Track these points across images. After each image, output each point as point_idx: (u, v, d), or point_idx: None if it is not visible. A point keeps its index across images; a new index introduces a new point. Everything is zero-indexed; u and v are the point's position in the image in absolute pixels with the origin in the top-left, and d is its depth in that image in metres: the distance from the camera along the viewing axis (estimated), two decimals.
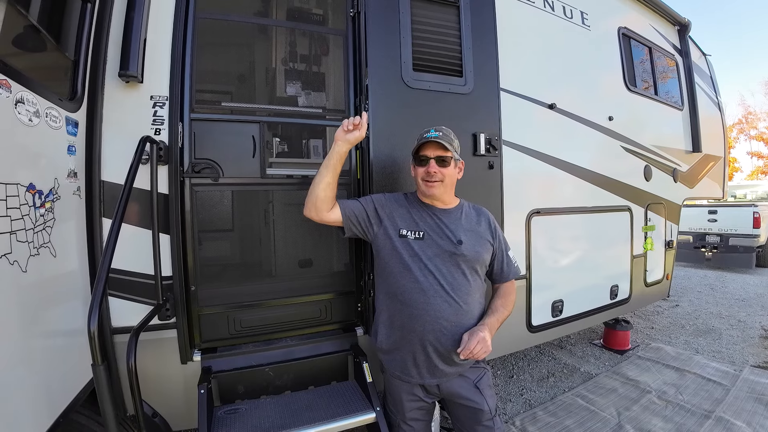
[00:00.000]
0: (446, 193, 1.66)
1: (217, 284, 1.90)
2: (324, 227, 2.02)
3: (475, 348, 1.42)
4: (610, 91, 3.34)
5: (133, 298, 1.77)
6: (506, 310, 1.65)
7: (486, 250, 1.64)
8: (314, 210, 1.64)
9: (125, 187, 1.43)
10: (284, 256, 1.98)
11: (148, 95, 1.77)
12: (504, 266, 1.72)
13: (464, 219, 1.67)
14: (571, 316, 2.87)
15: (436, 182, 1.60)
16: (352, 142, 1.63)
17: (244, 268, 1.96)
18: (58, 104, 1.51)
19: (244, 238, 1.96)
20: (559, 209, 2.75)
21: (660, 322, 5.10)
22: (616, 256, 3.33)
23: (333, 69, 2.10)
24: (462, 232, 1.62)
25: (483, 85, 2.21)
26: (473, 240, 1.62)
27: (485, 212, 1.75)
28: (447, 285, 1.55)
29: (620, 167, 3.31)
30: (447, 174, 1.61)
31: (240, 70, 2.03)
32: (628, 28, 3.60)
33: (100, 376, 1.17)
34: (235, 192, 1.91)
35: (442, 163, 1.60)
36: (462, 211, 1.69)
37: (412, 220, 1.64)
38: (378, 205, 1.69)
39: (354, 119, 1.59)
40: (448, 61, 2.14)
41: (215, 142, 1.88)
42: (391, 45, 2.02)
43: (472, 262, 1.60)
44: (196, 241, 1.84)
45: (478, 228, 1.66)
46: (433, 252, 1.58)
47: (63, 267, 1.54)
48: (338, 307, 2.07)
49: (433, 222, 1.63)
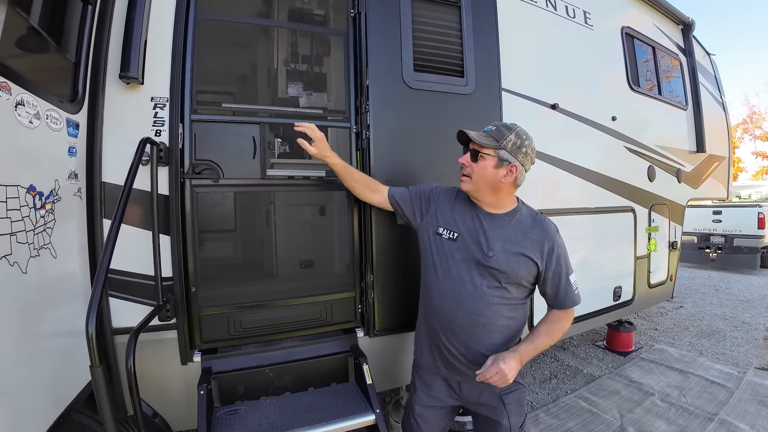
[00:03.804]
0: (481, 192, 1.51)
1: (217, 285, 1.89)
2: (326, 229, 2.06)
3: (492, 378, 1.33)
4: (614, 91, 3.31)
5: (134, 299, 1.77)
6: (550, 339, 1.49)
7: (524, 268, 1.45)
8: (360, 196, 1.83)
9: (125, 187, 1.43)
10: (285, 257, 1.97)
11: (149, 97, 1.77)
12: (559, 291, 1.49)
13: (511, 227, 1.50)
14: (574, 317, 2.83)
15: (465, 177, 1.52)
16: (320, 154, 1.69)
17: (244, 269, 1.96)
18: (59, 106, 1.52)
19: (244, 240, 1.96)
20: (561, 210, 2.73)
21: (664, 324, 5.08)
22: (619, 257, 3.31)
23: (334, 70, 2.10)
24: (499, 241, 1.46)
25: (484, 85, 2.20)
26: (510, 254, 1.44)
27: (546, 225, 1.51)
28: (466, 294, 1.47)
29: (624, 168, 3.28)
30: (476, 170, 1.47)
31: (240, 71, 2.02)
32: (631, 27, 3.57)
33: (98, 377, 1.17)
34: (236, 193, 1.91)
35: (474, 157, 1.48)
36: (513, 219, 1.52)
37: (452, 219, 1.57)
38: (424, 198, 1.67)
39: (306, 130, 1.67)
40: (450, 62, 2.13)
41: (216, 143, 1.87)
42: (391, 45, 2.01)
43: (503, 277, 1.45)
44: (196, 242, 1.84)
45: (524, 241, 1.46)
46: (461, 256, 1.50)
47: (63, 268, 1.55)
48: (339, 309, 2.06)
49: (472, 224, 1.52)
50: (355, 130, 2.06)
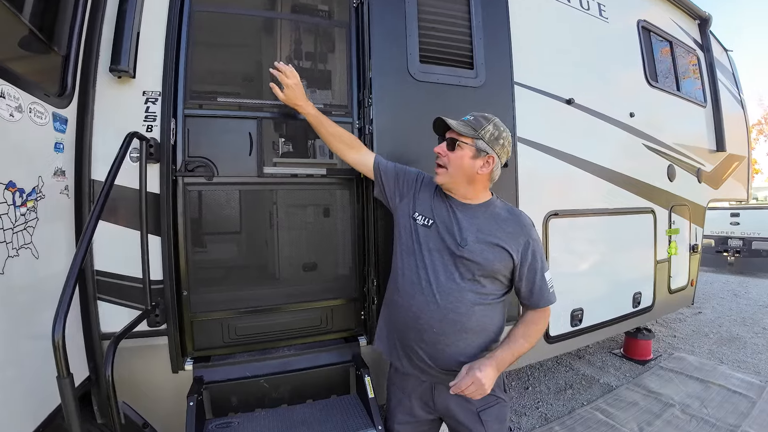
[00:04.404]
0: (456, 184, 1.43)
1: (210, 289, 1.80)
2: (326, 230, 1.95)
3: (467, 388, 1.23)
4: (631, 86, 3.17)
5: (123, 302, 1.69)
6: (527, 343, 1.37)
7: (500, 260, 1.37)
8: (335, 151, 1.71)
9: (105, 183, 1.34)
10: (283, 260, 1.87)
11: (141, 91, 1.71)
12: (534, 289, 1.41)
13: (485, 218, 1.43)
14: (591, 325, 2.70)
15: (441, 168, 1.43)
16: (289, 100, 1.62)
17: (239, 272, 1.85)
18: (45, 100, 1.45)
19: (239, 241, 1.86)
20: (578, 211, 2.58)
21: (682, 330, 4.89)
22: (639, 262, 3.15)
23: (335, 63, 1.99)
24: (473, 232, 1.39)
25: (495, 78, 2.07)
26: (484, 244, 1.37)
27: (522, 218, 1.46)
28: (436, 285, 1.38)
29: (643, 166, 3.12)
30: (452, 159, 1.40)
31: (237, 65, 1.93)
32: (647, 21, 3.43)
33: (65, 389, 1.07)
34: (231, 192, 1.81)
35: (450, 146, 1.40)
36: (488, 210, 1.45)
37: (429, 206, 1.49)
38: (408, 180, 1.59)
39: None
40: (458, 53, 2.01)
41: (210, 140, 1.78)
42: (396, 36, 1.90)
43: (477, 269, 1.37)
44: (188, 244, 1.75)
45: (498, 232, 1.39)
46: (434, 245, 1.42)
47: (47, 269, 1.47)
48: (340, 315, 1.95)
49: (446, 215, 1.45)
50: (357, 125, 1.96)
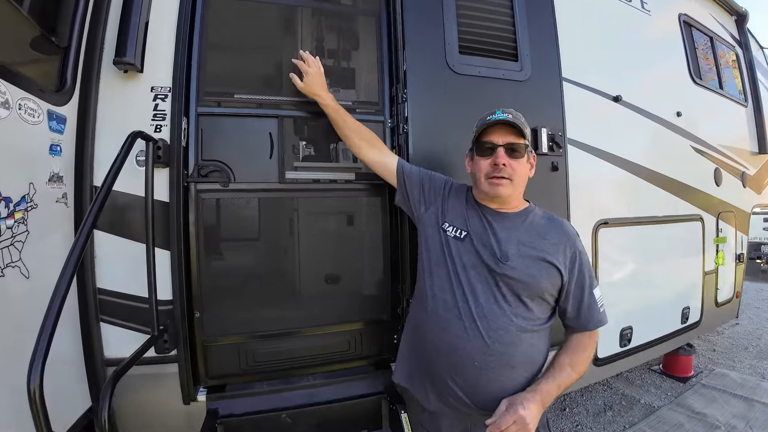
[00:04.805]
0: (515, 195, 1.27)
1: (226, 310, 1.59)
2: (354, 243, 1.74)
3: (508, 429, 1.04)
4: (676, 83, 2.92)
5: (128, 325, 1.52)
6: (575, 372, 1.19)
7: (547, 277, 1.18)
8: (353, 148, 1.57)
9: (101, 189, 1.14)
10: (307, 277, 1.66)
11: (149, 86, 1.54)
12: (582, 308, 1.22)
13: (525, 228, 1.24)
14: (640, 345, 2.44)
15: (505, 180, 1.20)
16: (308, 89, 1.54)
17: (259, 290, 1.64)
18: (39, 95, 1.27)
19: (259, 255, 1.65)
20: (628, 219, 2.33)
21: (721, 344, 4.63)
22: (687, 273, 2.88)
23: (364, 55, 1.78)
24: (514, 244, 1.20)
25: (542, 71, 1.85)
26: (528, 259, 1.18)
27: (566, 227, 1.28)
28: (476, 309, 1.18)
29: (691, 170, 2.86)
30: (518, 169, 1.21)
31: (256, 58, 1.73)
32: (688, 15, 3.20)
33: None
34: (249, 200, 1.61)
35: (512, 154, 1.21)
36: (526, 218, 1.27)
37: (461, 216, 1.31)
38: (435, 186, 1.41)
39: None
40: (500, 43, 1.79)
41: (226, 141, 1.60)
42: (432, 24, 1.69)
43: (522, 289, 1.17)
44: (201, 258, 1.55)
45: (542, 243, 1.21)
46: (470, 261, 1.23)
47: (40, 290, 1.27)
48: (370, 339, 1.73)
49: (480, 225, 1.26)
50: (390, 124, 1.74)
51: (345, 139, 1.57)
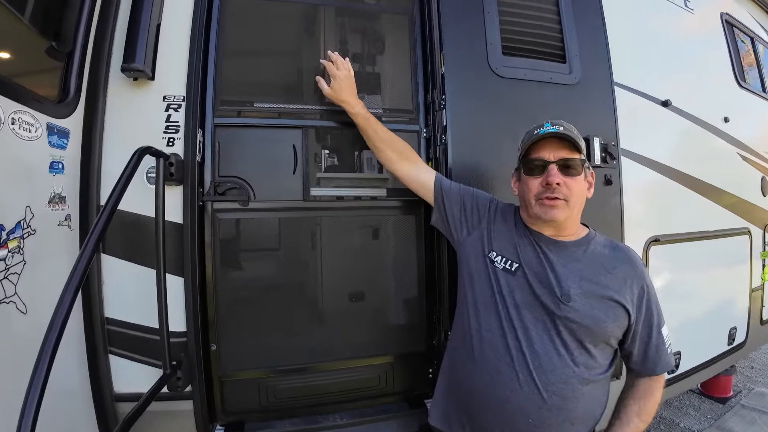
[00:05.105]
0: (572, 219, 1.11)
1: (245, 342, 1.45)
2: (386, 268, 1.57)
3: None
4: (722, 86, 2.70)
5: (139, 358, 1.38)
6: (643, 423, 1.06)
7: (614, 319, 1.03)
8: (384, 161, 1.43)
9: (103, 212, 0.99)
10: (334, 305, 1.50)
11: (161, 95, 1.39)
12: (649, 351, 1.07)
13: (587, 260, 1.08)
14: (688, 370, 2.23)
15: (559, 201, 1.04)
16: (334, 95, 1.39)
17: (281, 320, 1.48)
18: (36, 107, 1.13)
19: (281, 282, 1.50)
20: (679, 235, 2.12)
21: (759, 360, 4.38)
22: (734, 291, 2.65)
23: (395, 57, 1.62)
24: (575, 281, 1.04)
25: (592, 74, 1.66)
26: (593, 298, 1.03)
27: (632, 257, 1.12)
28: (531, 358, 1.02)
29: (738, 180, 2.64)
30: (575, 188, 1.05)
31: (277, 63, 1.58)
32: (729, 14, 2.97)
33: None
34: (271, 220, 1.46)
35: (567, 171, 1.05)
36: (587, 247, 1.10)
37: (511, 244, 1.15)
38: (480, 206, 1.25)
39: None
40: (546, 43, 1.61)
41: (245, 155, 1.45)
42: (472, 22, 1.52)
43: (586, 334, 1.02)
44: (218, 286, 1.41)
45: (607, 278, 1.05)
46: (523, 299, 1.07)
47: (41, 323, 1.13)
48: (402, 373, 1.55)
49: (535, 256, 1.10)
50: (425, 134, 1.57)
51: (376, 152, 1.43)
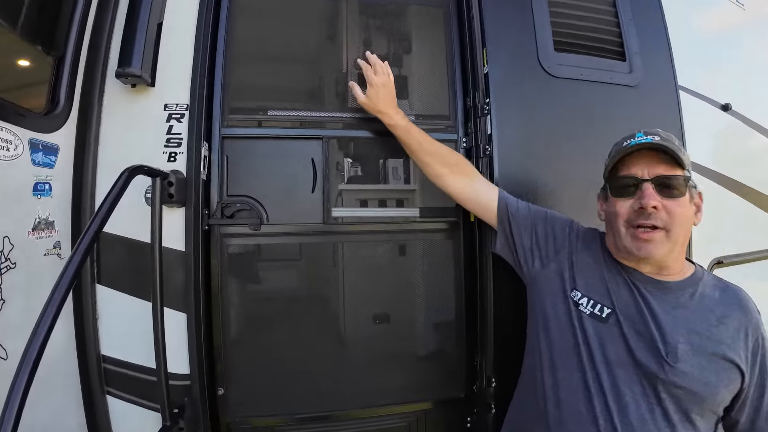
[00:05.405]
0: (675, 255, 0.89)
1: (257, 386, 1.27)
2: (421, 300, 1.35)
3: None
4: None
5: (138, 401, 1.24)
6: None
7: (726, 383, 0.83)
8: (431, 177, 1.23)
9: (85, 235, 0.82)
10: (358, 344, 1.30)
11: (162, 104, 1.23)
12: (760, 421, 0.87)
13: (695, 306, 0.86)
14: None
15: (657, 231, 0.84)
16: (370, 104, 1.21)
17: (298, 361, 1.29)
18: (16, 121, 0.98)
19: (297, 317, 1.31)
20: (742, 255, 1.87)
21: None
22: None
23: (429, 56, 1.42)
24: (682, 335, 0.83)
25: (654, 75, 1.42)
26: (704, 357, 0.82)
27: (742, 299, 0.90)
28: (622, 428, 0.82)
29: None
30: (678, 214, 0.84)
31: (294, 66, 1.40)
32: None
33: None
34: (286, 247, 1.28)
35: (667, 192, 0.85)
36: (695, 290, 0.88)
37: (601, 282, 0.94)
38: (557, 230, 1.05)
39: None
40: (603, 38, 1.38)
41: (257, 171, 1.28)
42: (519, 15, 1.31)
43: (694, 403, 0.82)
44: (225, 322, 1.23)
45: (719, 331, 0.84)
46: (616, 354, 0.86)
47: None
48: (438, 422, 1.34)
49: (630, 298, 0.89)
50: (465, 144, 1.36)
51: (422, 167, 1.23)
